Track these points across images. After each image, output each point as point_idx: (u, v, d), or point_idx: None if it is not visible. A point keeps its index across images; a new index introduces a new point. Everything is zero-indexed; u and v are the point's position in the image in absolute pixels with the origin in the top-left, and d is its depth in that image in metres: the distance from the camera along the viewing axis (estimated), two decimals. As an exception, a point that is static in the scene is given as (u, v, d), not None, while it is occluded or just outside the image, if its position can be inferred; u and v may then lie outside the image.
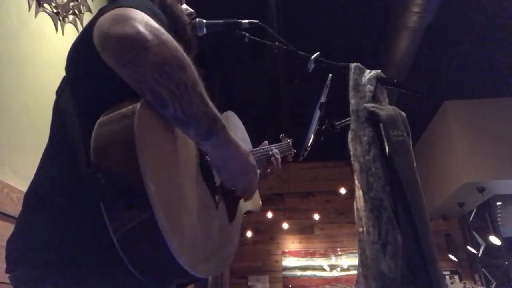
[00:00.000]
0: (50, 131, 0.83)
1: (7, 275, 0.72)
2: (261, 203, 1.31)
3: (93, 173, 0.60)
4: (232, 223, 0.93)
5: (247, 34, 1.22)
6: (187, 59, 0.68)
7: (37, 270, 0.67)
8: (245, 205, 1.09)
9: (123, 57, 0.63)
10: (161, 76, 0.64)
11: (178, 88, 0.65)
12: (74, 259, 0.66)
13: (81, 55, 0.79)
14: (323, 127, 1.27)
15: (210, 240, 0.77)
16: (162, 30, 0.67)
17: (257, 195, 1.28)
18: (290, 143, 1.58)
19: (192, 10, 1.06)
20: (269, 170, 1.29)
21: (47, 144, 0.82)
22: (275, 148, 1.37)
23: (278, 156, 1.31)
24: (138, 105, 0.64)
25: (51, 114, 0.84)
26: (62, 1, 1.91)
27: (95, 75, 0.74)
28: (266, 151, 1.30)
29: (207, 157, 0.86)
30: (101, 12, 0.73)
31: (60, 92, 0.83)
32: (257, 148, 1.29)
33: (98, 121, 0.64)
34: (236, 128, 1.25)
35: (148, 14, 0.68)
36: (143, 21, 0.65)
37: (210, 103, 0.71)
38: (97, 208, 0.60)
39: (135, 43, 0.62)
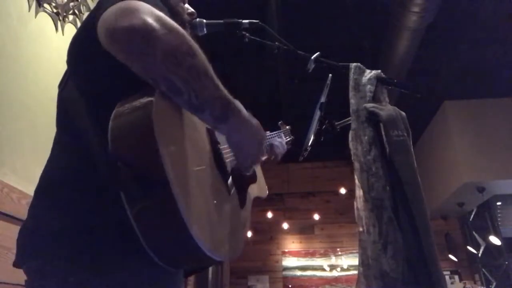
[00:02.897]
0: (56, 125, 0.83)
1: (10, 269, 0.71)
2: (267, 189, 1.34)
3: (112, 163, 0.60)
4: (243, 209, 0.95)
5: (247, 34, 1.22)
6: (195, 45, 0.68)
7: (49, 261, 0.67)
8: (253, 192, 1.12)
9: (133, 50, 0.63)
10: (173, 64, 0.64)
11: (190, 74, 0.65)
12: (85, 250, 0.66)
13: (85, 47, 0.79)
14: (323, 127, 1.27)
15: (225, 224, 0.79)
16: (168, 18, 0.67)
17: (263, 181, 1.31)
18: (289, 129, 1.61)
19: (193, 10, 1.07)
20: (272, 156, 1.35)
21: (54, 138, 0.82)
22: (277, 135, 1.43)
23: (283, 142, 1.39)
24: (154, 95, 0.65)
25: (56, 109, 0.83)
26: (62, 1, 1.91)
27: (102, 66, 0.74)
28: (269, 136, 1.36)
29: (218, 145, 0.88)
30: (101, 4, 0.72)
31: (63, 85, 0.83)
32: None
33: (114, 111, 0.65)
34: None
35: (151, 5, 0.68)
36: (149, 11, 0.65)
37: (221, 86, 0.71)
38: (109, 199, 0.60)
39: (143, 35, 0.62)
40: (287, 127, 1.61)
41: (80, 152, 0.73)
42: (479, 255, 5.20)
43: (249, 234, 6.03)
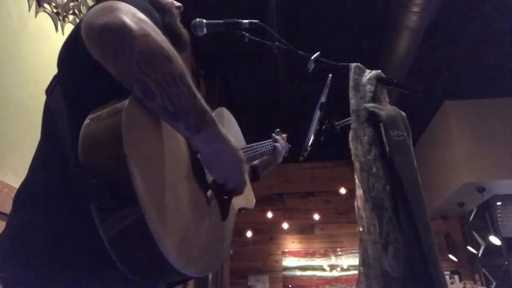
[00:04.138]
0: (41, 131, 0.82)
1: None
2: (254, 199, 1.33)
3: (82, 173, 0.59)
4: (225, 221, 0.92)
5: (247, 34, 1.22)
6: (173, 51, 0.67)
7: (27, 271, 0.66)
8: (238, 202, 1.09)
9: (108, 48, 0.62)
10: (148, 67, 0.63)
11: (165, 79, 0.64)
12: (64, 261, 0.65)
13: (71, 53, 0.79)
14: (323, 127, 1.27)
15: (202, 238, 0.76)
16: (148, 21, 0.66)
17: (250, 191, 1.30)
18: (285, 138, 1.61)
19: (179, 3, 1.05)
20: (269, 160, 1.43)
21: (38, 144, 0.81)
22: (270, 143, 1.46)
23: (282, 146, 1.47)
24: (126, 103, 0.63)
25: (42, 114, 0.82)
26: (62, 1, 1.91)
27: (85, 72, 0.73)
28: (262, 146, 1.35)
29: (198, 154, 0.85)
30: (90, 8, 0.73)
31: (50, 91, 0.82)
32: (251, 145, 1.32)
33: (87, 119, 0.63)
34: (229, 125, 1.26)
35: (137, 8, 0.68)
36: (129, 12, 0.65)
37: (198, 95, 0.70)
38: (88, 209, 0.59)
39: (120, 33, 0.62)
40: (284, 135, 1.62)
41: (60, 162, 0.72)
42: (479, 255, 5.19)
43: (249, 234, 6.03)
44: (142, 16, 0.66)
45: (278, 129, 1.62)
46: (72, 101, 0.75)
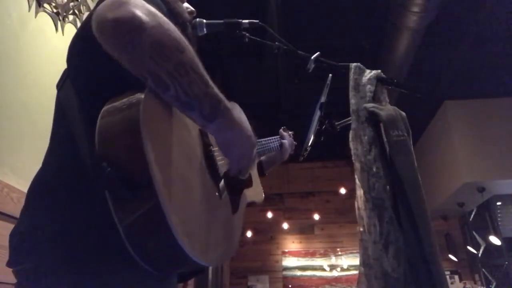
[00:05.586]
0: (52, 126, 0.82)
1: (9, 269, 0.71)
2: (263, 194, 1.34)
3: (98, 162, 0.60)
4: (235, 214, 0.93)
5: (247, 34, 1.22)
6: (185, 40, 0.68)
7: (42, 264, 0.67)
8: (248, 196, 1.10)
9: (120, 41, 0.63)
10: (160, 57, 0.63)
11: (177, 69, 0.65)
12: (78, 253, 0.66)
13: (82, 46, 0.79)
14: (323, 127, 1.27)
15: (214, 229, 0.78)
16: (158, 12, 0.67)
17: (259, 185, 1.31)
18: (291, 135, 1.62)
19: (193, 8, 1.06)
20: (276, 156, 1.47)
21: (50, 138, 0.82)
22: (277, 139, 1.48)
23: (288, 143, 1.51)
24: (143, 94, 0.64)
25: (53, 110, 0.83)
26: (62, 1, 1.91)
27: (97, 65, 0.74)
28: (269, 142, 1.37)
29: (211, 147, 0.86)
30: (99, 2, 0.73)
31: (60, 85, 0.83)
32: (259, 140, 1.35)
33: (103, 110, 0.64)
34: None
35: (145, 1, 0.68)
36: (139, 4, 0.65)
37: (211, 83, 0.70)
38: (101, 201, 0.60)
39: (131, 26, 0.62)
40: (290, 132, 1.63)
41: (72, 154, 0.72)
42: (479, 255, 5.20)
43: (249, 234, 6.03)
44: (151, 8, 0.67)
45: (284, 127, 1.63)
46: (84, 94, 0.76)
